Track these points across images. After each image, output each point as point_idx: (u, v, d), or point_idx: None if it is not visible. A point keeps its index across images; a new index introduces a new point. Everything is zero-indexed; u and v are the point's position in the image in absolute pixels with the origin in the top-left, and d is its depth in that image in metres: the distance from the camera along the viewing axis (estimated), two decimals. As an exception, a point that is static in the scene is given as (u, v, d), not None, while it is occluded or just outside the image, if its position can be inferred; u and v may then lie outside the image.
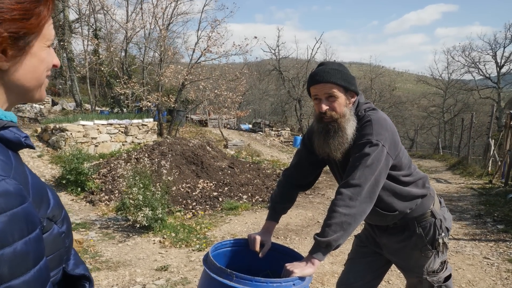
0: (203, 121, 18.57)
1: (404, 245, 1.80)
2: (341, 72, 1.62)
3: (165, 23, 13.35)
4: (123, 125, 10.06)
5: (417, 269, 1.81)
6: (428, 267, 1.79)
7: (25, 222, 0.56)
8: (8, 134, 0.62)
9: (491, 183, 9.08)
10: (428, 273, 1.79)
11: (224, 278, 1.41)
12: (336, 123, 1.63)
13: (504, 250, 4.43)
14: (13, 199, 0.55)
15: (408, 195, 1.73)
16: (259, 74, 30.63)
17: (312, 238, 1.55)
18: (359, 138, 1.61)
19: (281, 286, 1.41)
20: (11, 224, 0.54)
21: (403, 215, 1.75)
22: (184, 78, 12.26)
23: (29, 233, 0.56)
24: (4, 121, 0.62)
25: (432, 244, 1.77)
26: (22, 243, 0.55)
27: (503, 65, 27.57)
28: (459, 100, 32.06)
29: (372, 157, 1.54)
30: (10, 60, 0.61)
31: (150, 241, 4.69)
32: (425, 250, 1.77)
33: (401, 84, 63.14)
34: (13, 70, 0.62)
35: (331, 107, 1.62)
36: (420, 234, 1.77)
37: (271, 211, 1.88)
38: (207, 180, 7.54)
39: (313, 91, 1.66)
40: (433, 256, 1.78)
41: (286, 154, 14.62)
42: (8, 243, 0.53)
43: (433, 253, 1.78)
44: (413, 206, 1.75)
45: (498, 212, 6.06)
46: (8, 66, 0.61)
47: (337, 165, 1.79)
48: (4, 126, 0.62)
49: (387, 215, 1.75)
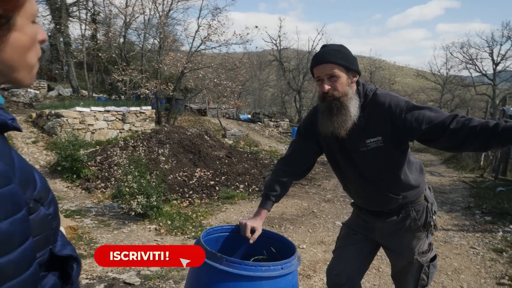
0: (202, 110, 18.57)
1: (399, 227, 1.88)
2: (341, 52, 1.67)
3: (165, 9, 13.27)
4: (121, 112, 10.07)
5: (409, 251, 1.90)
6: (419, 248, 1.88)
7: (11, 203, 0.56)
8: None
9: (482, 176, 9.24)
10: (419, 254, 1.89)
11: (214, 261, 1.46)
12: (338, 102, 1.67)
13: (490, 240, 4.58)
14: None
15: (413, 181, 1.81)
16: (260, 64, 30.51)
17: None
18: (396, 110, 1.66)
19: (270, 269, 1.48)
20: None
21: (403, 199, 1.83)
22: (183, 66, 12.23)
23: (14, 213, 0.57)
24: None
25: (424, 226, 1.87)
26: (7, 223, 0.55)
27: (499, 63, 27.70)
28: (456, 96, 32.13)
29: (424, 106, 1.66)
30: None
31: (146, 229, 4.78)
32: (417, 232, 1.87)
33: (401, 78, 62.96)
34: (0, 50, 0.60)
35: (333, 86, 1.66)
36: (414, 217, 1.86)
37: (264, 199, 1.94)
38: (204, 169, 7.63)
39: (316, 72, 1.70)
40: (424, 238, 1.89)
41: (284, 145, 14.69)
42: None
43: (424, 234, 1.88)
44: (415, 192, 1.84)
45: (486, 204, 6.23)
46: None
47: (342, 150, 1.82)
48: None
49: (391, 199, 1.81)
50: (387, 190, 1.79)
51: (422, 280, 1.93)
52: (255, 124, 18.73)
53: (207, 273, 1.49)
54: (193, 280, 1.56)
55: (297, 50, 26.96)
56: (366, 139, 1.72)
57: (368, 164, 1.78)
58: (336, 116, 1.68)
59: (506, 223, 5.18)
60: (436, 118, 1.59)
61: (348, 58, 1.68)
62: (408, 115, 1.63)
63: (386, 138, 1.70)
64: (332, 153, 1.90)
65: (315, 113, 1.88)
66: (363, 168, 1.80)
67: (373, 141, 1.71)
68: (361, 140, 1.73)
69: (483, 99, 27.46)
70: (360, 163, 1.80)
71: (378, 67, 34.56)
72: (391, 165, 1.77)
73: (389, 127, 1.68)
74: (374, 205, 1.91)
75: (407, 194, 1.82)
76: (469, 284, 3.42)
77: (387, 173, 1.78)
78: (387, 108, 1.67)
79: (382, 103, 1.69)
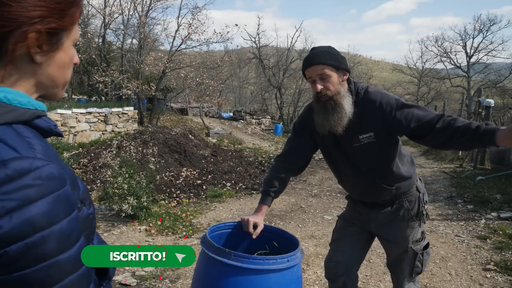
0: (183, 109, 18.44)
1: (393, 218, 1.96)
2: (330, 53, 1.76)
3: (144, 9, 13.10)
4: (103, 114, 9.93)
5: (403, 240, 1.97)
6: (413, 237, 1.96)
7: (67, 203, 0.62)
8: (42, 123, 0.67)
9: (462, 167, 9.53)
10: (413, 242, 1.97)
11: (223, 257, 1.51)
12: (332, 101, 1.75)
13: (473, 228, 4.75)
14: (57, 182, 0.61)
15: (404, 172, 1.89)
16: (239, 62, 30.48)
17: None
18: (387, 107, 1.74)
19: (277, 262, 1.53)
20: (56, 205, 0.59)
21: (396, 190, 1.90)
22: (164, 66, 12.12)
23: (70, 212, 0.62)
24: (39, 111, 0.67)
25: (417, 216, 1.95)
26: (66, 221, 0.61)
27: (472, 55, 28.69)
28: (432, 88, 33.01)
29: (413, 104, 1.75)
30: (44, 55, 0.66)
31: (136, 230, 4.74)
32: (411, 221, 1.95)
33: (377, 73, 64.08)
34: (46, 65, 0.67)
35: (325, 86, 1.74)
36: (407, 207, 1.94)
37: (263, 195, 1.99)
38: (191, 168, 7.60)
39: (307, 74, 1.79)
40: (417, 227, 1.97)
41: (267, 142, 14.77)
42: (55, 221, 0.59)
43: (417, 223, 1.96)
44: (407, 183, 1.92)
45: (468, 193, 6.44)
46: (42, 60, 0.66)
47: (336, 146, 1.90)
48: (39, 115, 0.67)
49: (385, 190, 1.88)
50: (381, 182, 1.86)
51: (416, 267, 2.01)
52: (238, 122, 18.74)
53: (216, 268, 1.52)
54: (202, 276, 1.59)
55: (277, 47, 27.07)
56: (359, 135, 1.80)
57: (362, 158, 1.86)
58: (331, 115, 1.76)
59: (488, 210, 5.39)
60: (424, 117, 1.68)
61: (337, 58, 1.76)
62: (398, 113, 1.72)
63: (377, 133, 1.78)
64: (327, 149, 1.98)
65: (310, 111, 1.96)
66: (357, 162, 1.88)
67: (366, 136, 1.80)
68: (354, 136, 1.81)
69: (458, 91, 28.36)
70: (354, 158, 1.88)
71: (357, 62, 35.10)
72: (383, 158, 1.86)
73: (380, 123, 1.77)
74: (368, 197, 1.98)
75: (400, 185, 1.90)
76: (457, 271, 3.55)
77: (380, 166, 1.87)
78: (378, 105, 1.76)
79: (373, 101, 1.77)
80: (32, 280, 0.57)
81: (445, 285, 3.27)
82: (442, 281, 3.34)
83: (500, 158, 7.79)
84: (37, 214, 0.57)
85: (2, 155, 0.57)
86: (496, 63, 29.65)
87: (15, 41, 0.62)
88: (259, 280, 1.50)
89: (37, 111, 0.67)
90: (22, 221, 0.56)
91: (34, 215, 0.57)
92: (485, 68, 28.84)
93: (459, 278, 3.41)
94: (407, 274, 2.04)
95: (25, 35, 0.62)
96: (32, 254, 0.57)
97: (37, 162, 0.59)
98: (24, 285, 0.57)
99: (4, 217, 0.55)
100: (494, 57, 28.57)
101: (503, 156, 7.64)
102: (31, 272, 0.57)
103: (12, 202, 0.55)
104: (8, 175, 0.56)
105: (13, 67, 0.65)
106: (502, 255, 3.84)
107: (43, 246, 0.57)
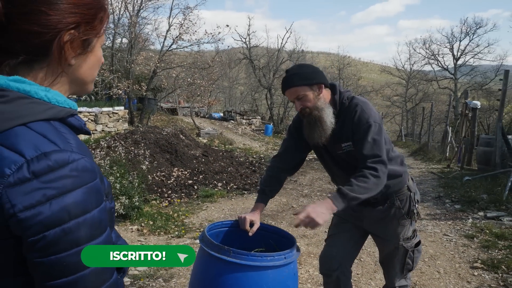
0: (174, 109, 18.36)
1: (384, 216, 2.03)
2: (299, 74, 1.86)
3: (135, 8, 13.02)
4: (93, 113, 9.84)
5: (394, 237, 2.05)
6: (403, 234, 2.04)
7: (98, 194, 0.67)
8: (74, 121, 0.73)
9: (449, 167, 9.72)
10: (404, 240, 2.04)
11: (222, 254, 1.54)
12: (313, 116, 1.87)
13: (461, 227, 4.86)
14: (90, 175, 0.66)
15: (392, 172, 1.94)
16: (230, 62, 30.45)
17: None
18: (359, 123, 1.82)
19: (274, 259, 1.57)
20: (89, 195, 0.65)
21: (385, 189, 1.95)
22: (155, 66, 12.07)
23: (100, 203, 0.68)
24: (73, 109, 0.72)
25: (408, 214, 2.02)
26: (97, 211, 0.66)
27: (459, 58, 29.26)
28: (420, 90, 33.51)
29: (379, 137, 1.80)
30: (78, 58, 0.72)
31: (128, 230, 4.73)
32: (402, 219, 2.02)
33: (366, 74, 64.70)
34: (78, 66, 0.73)
35: (303, 105, 1.86)
36: (398, 206, 2.01)
37: (260, 194, 2.04)
38: (182, 168, 7.60)
39: (287, 97, 1.94)
40: (408, 225, 2.04)
41: (258, 142, 14.82)
42: (88, 210, 0.64)
43: (408, 222, 2.03)
44: (396, 182, 1.99)
45: (455, 193, 6.58)
46: (75, 62, 0.72)
47: (326, 150, 2.01)
48: (72, 114, 0.73)
49: None
50: None
51: (407, 264, 2.08)
52: (228, 122, 18.75)
53: (215, 265, 1.55)
54: (201, 273, 1.61)
55: (267, 48, 27.13)
56: (341, 143, 1.91)
57: (347, 163, 1.97)
58: (314, 129, 1.89)
59: (475, 210, 5.52)
60: (361, 155, 1.80)
61: (306, 76, 1.85)
62: (356, 135, 1.83)
63: (353, 143, 1.88)
64: (319, 152, 2.09)
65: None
66: (344, 166, 1.99)
67: (347, 145, 1.90)
68: (337, 144, 1.92)
69: (446, 92, 28.85)
70: (340, 162, 2.00)
71: (346, 63, 35.41)
72: None
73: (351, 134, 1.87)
74: None
75: (388, 184, 1.94)
76: (445, 269, 3.64)
77: None
78: (352, 117, 1.85)
79: (352, 112, 1.87)
80: (66, 263, 0.62)
81: (434, 283, 3.35)
82: (431, 279, 3.42)
83: (486, 159, 7.97)
84: (73, 202, 0.62)
85: (44, 148, 0.62)
86: (482, 66, 30.30)
87: (54, 46, 0.67)
88: (257, 276, 1.54)
89: (71, 109, 0.72)
90: (60, 208, 0.61)
91: (70, 203, 0.62)
92: (472, 70, 29.43)
93: (447, 276, 3.49)
94: (398, 270, 2.11)
95: (62, 40, 0.67)
96: (67, 239, 0.62)
97: (74, 155, 0.64)
98: (58, 267, 0.62)
99: (45, 204, 0.60)
100: (480, 59, 29.27)
101: (489, 157, 7.81)
102: (66, 256, 0.62)
103: (52, 190, 0.61)
104: (49, 165, 0.61)
105: (51, 69, 0.70)
106: (489, 254, 3.94)
107: (77, 232, 0.63)
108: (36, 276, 0.63)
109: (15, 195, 0.59)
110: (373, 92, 38.34)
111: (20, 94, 0.64)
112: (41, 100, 0.66)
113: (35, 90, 0.66)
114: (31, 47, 0.66)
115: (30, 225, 0.59)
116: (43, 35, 0.66)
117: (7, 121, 0.63)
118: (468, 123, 9.86)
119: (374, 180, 1.74)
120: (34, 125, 0.64)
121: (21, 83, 0.65)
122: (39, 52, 0.67)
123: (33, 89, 0.66)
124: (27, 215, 0.59)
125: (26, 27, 0.64)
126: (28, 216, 0.59)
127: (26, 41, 0.65)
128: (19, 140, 0.62)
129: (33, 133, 0.63)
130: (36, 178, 0.60)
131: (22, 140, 0.62)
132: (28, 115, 0.64)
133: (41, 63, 0.69)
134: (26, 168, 0.60)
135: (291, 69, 1.93)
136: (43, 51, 0.67)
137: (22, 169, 0.59)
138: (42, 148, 0.62)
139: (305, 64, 1.99)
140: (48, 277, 0.62)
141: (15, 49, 0.66)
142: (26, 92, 0.65)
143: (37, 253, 0.61)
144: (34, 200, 0.59)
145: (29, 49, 0.66)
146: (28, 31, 0.65)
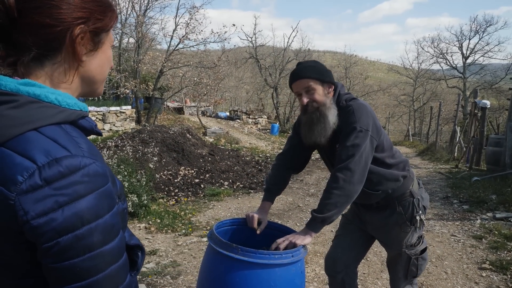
0: (180, 108, 18.42)
1: (386, 222, 1.99)
2: (315, 67, 1.83)
3: (142, 8, 13.10)
4: (101, 113, 9.93)
5: (397, 244, 2.00)
6: (406, 241, 1.97)
7: (110, 198, 0.68)
8: (85, 123, 0.73)
9: (457, 167, 9.64)
10: (407, 247, 1.98)
11: (230, 251, 1.55)
12: (318, 112, 1.82)
13: (469, 228, 4.82)
14: (101, 179, 0.66)
15: (391, 176, 1.91)
16: (236, 61, 30.46)
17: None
18: (345, 126, 1.79)
19: (282, 257, 1.58)
20: (101, 200, 0.65)
21: (385, 194, 1.94)
22: (162, 65, 12.14)
23: (112, 207, 0.68)
24: (83, 111, 0.73)
25: (410, 221, 1.94)
26: (109, 215, 0.66)
27: (468, 56, 28.87)
28: (428, 89, 33.25)
29: (359, 142, 1.73)
30: (88, 54, 0.73)
31: (136, 227, 4.77)
32: (404, 226, 1.95)
33: (373, 73, 64.40)
34: (88, 63, 0.73)
35: (311, 98, 1.81)
36: (400, 212, 1.95)
37: (266, 193, 2.04)
38: (188, 167, 7.63)
39: (294, 88, 1.86)
40: (411, 232, 1.96)
41: (264, 142, 14.82)
42: (100, 215, 0.65)
43: (411, 229, 1.95)
44: (395, 186, 1.93)
45: (463, 194, 6.51)
46: (85, 59, 0.72)
47: (325, 151, 1.99)
48: (83, 116, 0.73)
49: (371, 194, 1.93)
50: (364, 187, 1.84)
51: (411, 271, 2.02)
52: (234, 121, 18.76)
53: (223, 262, 1.56)
54: (209, 270, 1.63)
55: (273, 47, 27.09)
56: (336, 144, 1.87)
57: None
58: (316, 125, 1.83)
59: (483, 211, 5.46)
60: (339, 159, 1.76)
61: (322, 72, 1.82)
62: (342, 136, 1.79)
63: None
64: (322, 151, 2.06)
65: None
66: None
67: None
68: (334, 145, 1.88)
69: (454, 92, 28.54)
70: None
71: (353, 62, 35.25)
72: None
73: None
74: (359, 199, 1.98)
75: (385, 188, 1.92)
76: (453, 269, 3.61)
77: None
78: (345, 120, 1.82)
79: (346, 114, 1.82)
80: (80, 268, 0.63)
81: (441, 283, 3.33)
82: (438, 280, 3.40)
83: (495, 159, 7.88)
84: (85, 208, 0.63)
85: (55, 153, 0.62)
86: (492, 64, 29.84)
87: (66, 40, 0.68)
88: (265, 274, 1.55)
89: (82, 112, 0.72)
90: (72, 214, 0.61)
91: (83, 209, 0.62)
92: (481, 69, 29.02)
93: (455, 276, 3.47)
94: (402, 276, 2.06)
95: (73, 34, 0.68)
96: (80, 244, 0.62)
97: (85, 160, 0.64)
98: (72, 273, 0.63)
99: (57, 211, 0.60)
100: (490, 58, 28.77)
101: (499, 157, 7.73)
102: (79, 262, 0.63)
103: (64, 197, 0.61)
104: (60, 172, 0.61)
105: (63, 66, 0.71)
106: (497, 255, 3.91)
107: (90, 238, 0.63)
108: (51, 280, 0.64)
109: (28, 202, 0.59)
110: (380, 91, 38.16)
111: (30, 99, 0.64)
112: (51, 104, 0.66)
113: (45, 93, 0.66)
114: (43, 41, 0.67)
115: (43, 232, 0.60)
116: (54, 27, 0.66)
117: (18, 126, 0.63)
118: (477, 123, 9.77)
119: (337, 192, 1.69)
120: (45, 130, 0.64)
121: (31, 87, 0.65)
122: (50, 46, 0.68)
123: (43, 92, 0.66)
124: (40, 222, 0.60)
125: (38, 19, 0.65)
126: (41, 223, 0.60)
127: (38, 34, 0.66)
128: (31, 146, 0.62)
129: (44, 138, 0.63)
130: (48, 185, 0.60)
131: (33, 146, 0.62)
132: (39, 120, 0.64)
133: (52, 59, 0.69)
134: (38, 175, 0.60)
135: (305, 62, 1.89)
136: (55, 45, 0.68)
137: (34, 176, 0.60)
138: (53, 154, 0.62)
139: (319, 61, 1.94)
140: (62, 281, 0.63)
141: (27, 44, 0.66)
142: (36, 96, 0.65)
143: (51, 258, 0.62)
144: (46, 207, 0.60)
145: (41, 42, 0.67)
146: (40, 24, 0.65)
